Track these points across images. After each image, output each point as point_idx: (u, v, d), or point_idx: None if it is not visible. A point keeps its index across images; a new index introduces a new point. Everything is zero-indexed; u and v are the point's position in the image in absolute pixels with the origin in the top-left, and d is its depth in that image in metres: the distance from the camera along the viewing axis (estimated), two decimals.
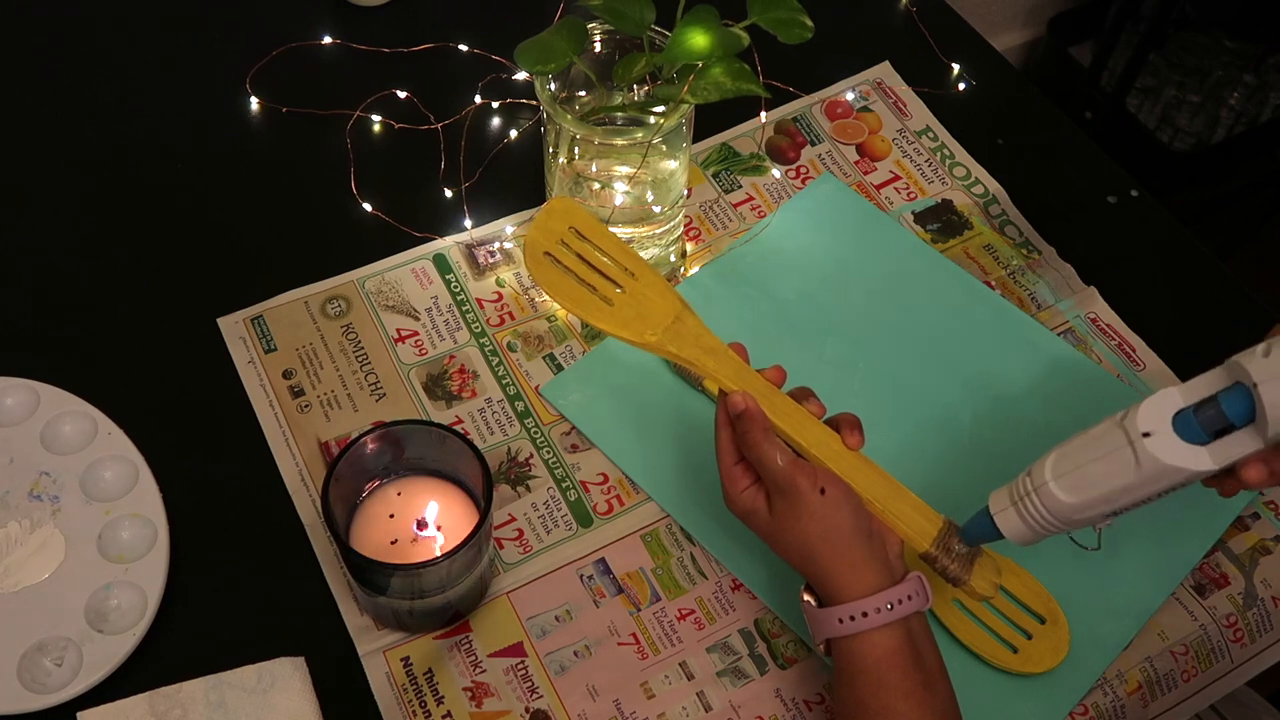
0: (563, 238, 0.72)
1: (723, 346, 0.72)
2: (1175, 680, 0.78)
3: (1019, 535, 0.67)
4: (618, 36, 0.80)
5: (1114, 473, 0.63)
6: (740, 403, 0.69)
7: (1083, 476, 0.64)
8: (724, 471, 0.72)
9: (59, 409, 0.81)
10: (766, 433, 0.69)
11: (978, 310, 0.91)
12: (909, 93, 1.04)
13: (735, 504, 0.72)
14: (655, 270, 0.73)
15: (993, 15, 1.90)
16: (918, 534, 0.70)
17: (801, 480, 0.68)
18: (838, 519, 0.68)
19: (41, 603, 0.74)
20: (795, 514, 0.68)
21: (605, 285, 0.72)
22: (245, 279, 0.89)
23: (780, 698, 0.75)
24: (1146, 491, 0.63)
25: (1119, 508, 0.64)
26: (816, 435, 0.70)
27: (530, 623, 0.77)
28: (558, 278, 0.72)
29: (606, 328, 0.71)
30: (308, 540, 0.79)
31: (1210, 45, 1.89)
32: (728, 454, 0.71)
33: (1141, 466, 0.62)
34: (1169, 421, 0.62)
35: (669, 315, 0.72)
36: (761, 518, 0.70)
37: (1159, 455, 0.61)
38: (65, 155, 0.97)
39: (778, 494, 0.69)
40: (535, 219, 0.73)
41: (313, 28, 1.04)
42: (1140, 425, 0.62)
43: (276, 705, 0.71)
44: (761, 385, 0.71)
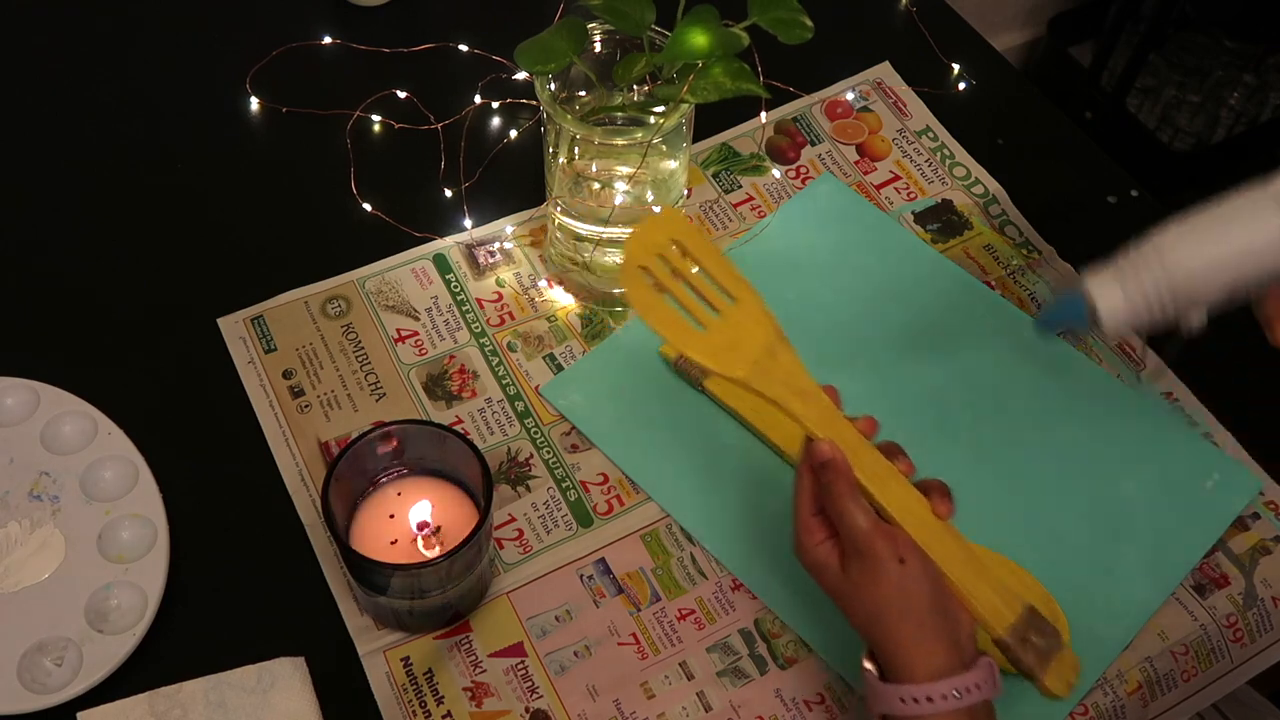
0: (663, 251, 0.68)
1: (815, 388, 0.67)
2: (1175, 680, 0.78)
3: (1115, 315, 0.61)
4: (618, 36, 0.80)
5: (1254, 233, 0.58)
6: (826, 452, 0.66)
7: (1214, 233, 0.59)
8: (800, 521, 0.68)
9: (59, 409, 0.81)
10: (851, 488, 0.65)
11: (977, 310, 0.91)
12: (909, 93, 1.04)
13: (806, 555, 0.68)
14: (757, 294, 0.68)
15: (993, 15, 1.90)
16: (994, 618, 0.66)
17: (882, 546, 0.64)
18: (914, 592, 0.64)
19: (41, 603, 0.74)
20: (870, 579, 0.65)
21: (702, 310, 0.67)
22: (245, 279, 0.90)
23: (780, 698, 0.75)
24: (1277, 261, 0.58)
25: (1251, 278, 0.59)
26: (902, 498, 0.66)
27: (530, 623, 0.77)
28: (651, 297, 0.67)
29: (695, 355, 0.67)
30: (308, 540, 0.79)
31: (1210, 45, 1.89)
32: (806, 504, 0.67)
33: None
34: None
35: (762, 346, 0.67)
36: (833, 575, 0.67)
37: None
38: (65, 155, 0.97)
39: (854, 555, 0.65)
40: (636, 229, 0.69)
41: (313, 28, 1.03)
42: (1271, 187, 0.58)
43: (276, 705, 0.71)
44: (851, 435, 0.67)
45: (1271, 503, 0.84)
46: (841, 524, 0.66)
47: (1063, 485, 0.83)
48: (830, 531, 0.67)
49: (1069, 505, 0.82)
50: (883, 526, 0.65)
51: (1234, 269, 0.60)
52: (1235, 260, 0.60)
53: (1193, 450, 0.85)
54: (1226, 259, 0.60)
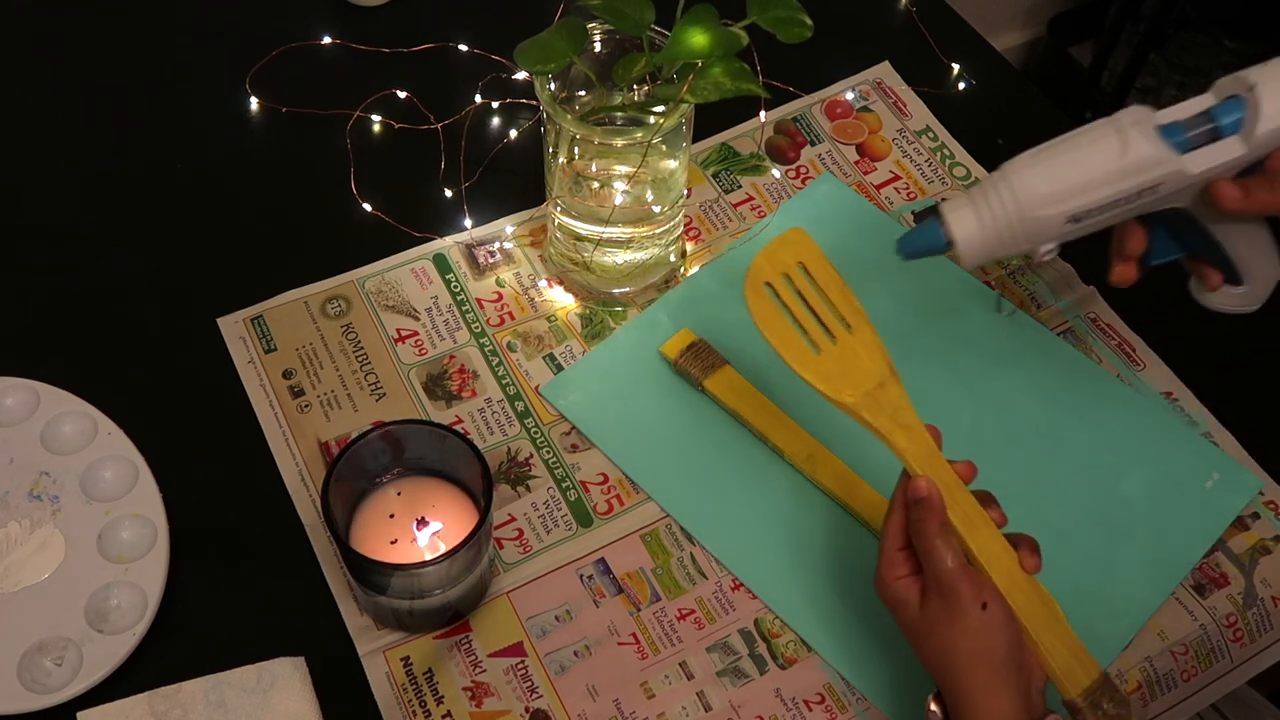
0: (788, 270, 0.70)
1: (919, 425, 0.68)
2: (1175, 680, 0.78)
3: (970, 241, 0.65)
4: (618, 36, 0.80)
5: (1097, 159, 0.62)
6: (923, 489, 0.66)
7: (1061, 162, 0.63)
8: (885, 554, 0.68)
9: (59, 409, 0.81)
10: (943, 527, 0.65)
11: (976, 310, 0.91)
12: (909, 93, 1.04)
13: (886, 589, 0.68)
14: (873, 326, 0.70)
15: (993, 15, 1.90)
16: (1068, 679, 0.66)
17: (966, 588, 0.64)
18: (992, 640, 0.64)
19: (41, 603, 0.74)
20: (949, 620, 0.64)
21: (818, 332, 0.69)
22: (245, 279, 0.90)
23: (780, 698, 0.75)
24: (1126, 185, 0.62)
25: (1094, 203, 0.63)
26: (991, 546, 0.67)
27: (530, 623, 0.77)
28: (772, 312, 0.69)
29: (807, 376, 0.68)
30: (308, 540, 0.79)
31: (1210, 45, 1.89)
32: (895, 537, 0.68)
33: (1129, 152, 0.61)
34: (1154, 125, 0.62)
35: (873, 379, 0.69)
36: (911, 611, 0.66)
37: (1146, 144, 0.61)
38: (65, 155, 0.97)
39: (937, 594, 0.65)
40: (767, 246, 0.70)
41: (313, 28, 1.03)
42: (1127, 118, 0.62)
43: (276, 705, 0.71)
44: (948, 477, 0.67)
45: (1271, 503, 0.84)
46: (929, 561, 0.66)
47: (1063, 485, 0.83)
48: (913, 568, 0.67)
49: (1069, 505, 0.82)
50: (969, 569, 0.65)
51: (1077, 196, 0.63)
52: (1078, 188, 0.63)
53: (1193, 450, 0.85)
54: (1070, 186, 0.63)
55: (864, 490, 0.81)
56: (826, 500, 0.82)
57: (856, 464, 0.82)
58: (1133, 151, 0.62)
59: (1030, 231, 0.65)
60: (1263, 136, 0.62)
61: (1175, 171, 0.62)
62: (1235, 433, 0.86)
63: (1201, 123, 0.63)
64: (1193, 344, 0.91)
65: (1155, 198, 0.64)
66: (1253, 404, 0.88)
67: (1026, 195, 0.64)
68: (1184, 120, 0.63)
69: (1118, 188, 0.63)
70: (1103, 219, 0.65)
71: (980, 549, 0.66)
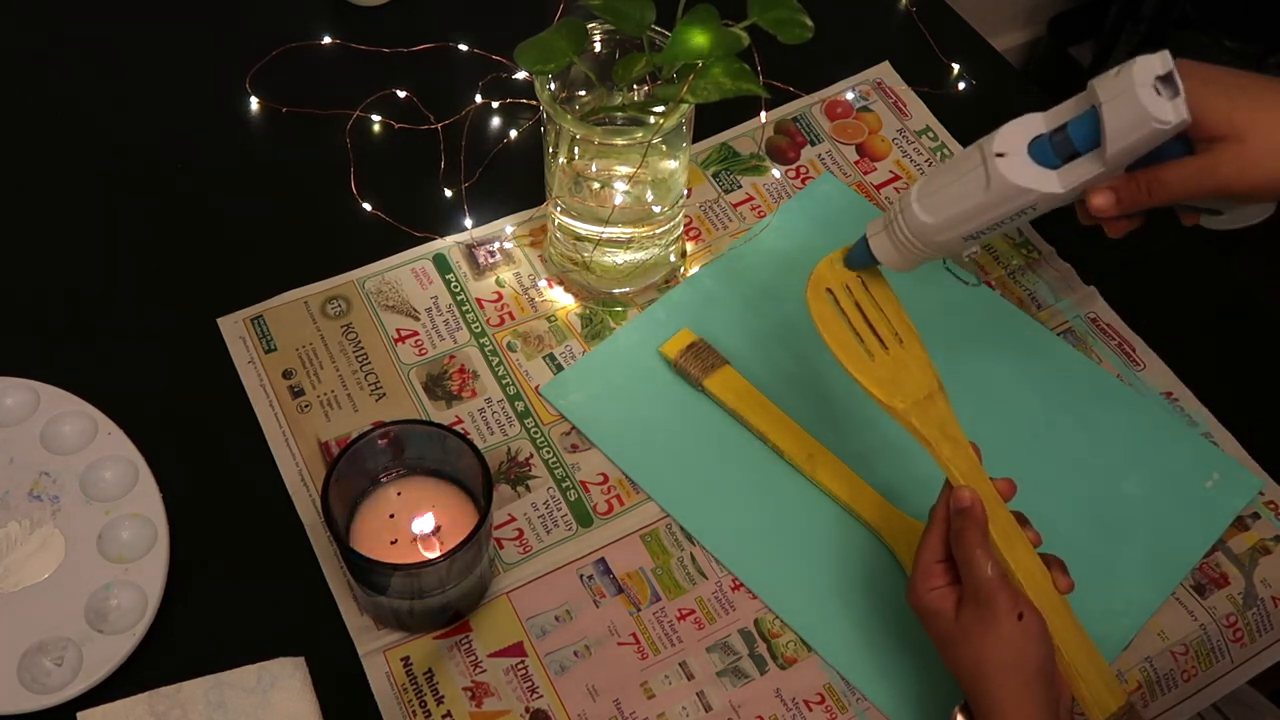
0: (848, 282, 0.73)
1: (964, 439, 0.71)
2: (1175, 680, 0.78)
3: (890, 259, 0.70)
4: (618, 36, 0.80)
5: (968, 193, 0.65)
6: (967, 499, 0.67)
7: (941, 196, 0.66)
8: (922, 565, 0.69)
9: (59, 409, 0.81)
10: (984, 537, 0.66)
11: (976, 310, 0.91)
12: (909, 93, 1.04)
13: (920, 600, 0.68)
14: (924, 345, 0.73)
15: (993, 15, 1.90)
16: (1096, 702, 0.67)
17: (1002, 598, 0.65)
18: (1026, 651, 0.64)
19: (41, 603, 0.74)
20: (984, 630, 0.65)
21: (872, 340, 0.72)
22: (245, 279, 0.90)
23: (780, 698, 0.75)
24: (999, 213, 0.65)
25: (975, 229, 0.66)
26: (1026, 562, 0.68)
27: (530, 623, 0.77)
28: (831, 315, 0.72)
29: (861, 378, 0.71)
30: (308, 540, 0.79)
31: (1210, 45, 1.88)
32: (933, 550, 0.68)
33: (991, 186, 0.64)
34: (1025, 145, 0.63)
35: (923, 390, 0.71)
36: (945, 621, 0.67)
37: (1008, 176, 0.63)
38: (65, 155, 0.97)
39: (973, 603, 0.65)
40: (830, 255, 0.74)
41: (313, 28, 1.04)
42: (995, 147, 0.64)
43: (276, 705, 0.71)
44: (990, 491, 0.69)
45: (1271, 503, 0.84)
46: (968, 570, 0.66)
47: (1063, 485, 0.83)
48: (949, 579, 0.68)
49: (1069, 505, 0.82)
50: (1006, 580, 0.66)
51: (959, 225, 0.67)
52: (957, 218, 0.67)
53: (1193, 450, 0.85)
54: (949, 218, 0.67)
55: (864, 490, 0.81)
56: (826, 500, 0.82)
57: (856, 464, 0.82)
58: (994, 186, 0.64)
59: (936, 249, 0.69)
60: (1115, 155, 0.62)
61: (1043, 196, 0.64)
62: (1235, 433, 0.86)
63: (1065, 139, 0.63)
64: (1193, 344, 0.91)
65: (1039, 210, 0.65)
66: (1253, 404, 0.88)
67: (917, 226, 0.68)
68: (1052, 136, 0.64)
69: (993, 215, 0.66)
70: (998, 232, 0.67)
71: (1017, 565, 0.68)
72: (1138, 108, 0.60)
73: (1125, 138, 0.61)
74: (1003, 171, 0.63)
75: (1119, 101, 0.60)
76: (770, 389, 0.84)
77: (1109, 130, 0.61)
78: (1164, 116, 0.60)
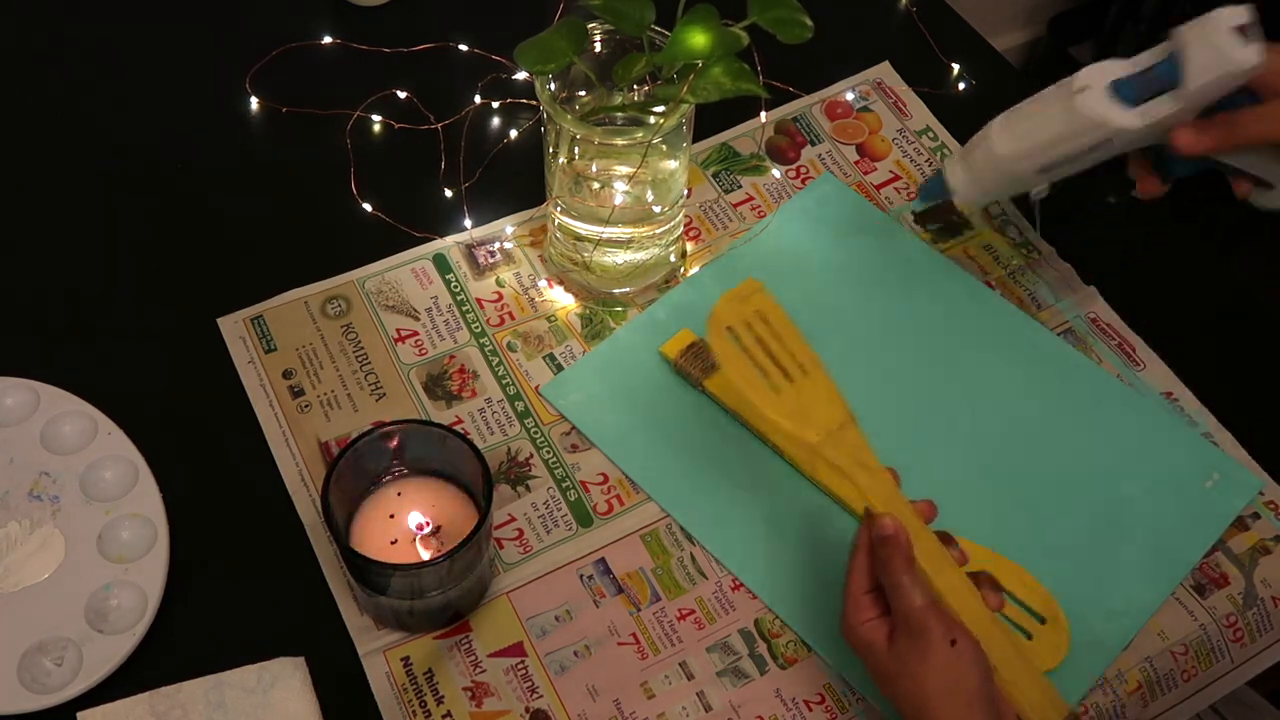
0: (748, 320, 0.73)
1: (879, 466, 0.70)
2: (1175, 680, 0.78)
3: (964, 189, 0.76)
4: (618, 36, 0.80)
5: (1049, 123, 0.71)
6: (889, 526, 0.66)
7: (1023, 126, 0.72)
8: (851, 598, 0.68)
9: (59, 409, 0.81)
10: (910, 564, 0.66)
11: (977, 310, 0.91)
12: (909, 93, 1.04)
13: (854, 633, 0.68)
14: (828, 375, 0.72)
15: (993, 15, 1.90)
16: (1038, 715, 0.67)
17: (934, 625, 0.64)
18: (963, 675, 0.64)
19: (41, 603, 0.74)
20: (919, 658, 0.64)
21: (778, 375, 0.72)
22: (245, 279, 0.90)
23: (780, 698, 0.75)
24: (1076, 144, 0.71)
25: (1052, 160, 0.72)
26: (955, 584, 0.68)
27: (530, 623, 0.77)
28: (735, 353, 0.72)
29: (770, 413, 0.71)
30: (308, 540, 0.79)
31: None
32: (860, 580, 0.68)
33: (1072, 117, 0.69)
34: (1106, 82, 0.69)
35: (835, 420, 0.71)
36: (879, 653, 0.66)
37: (1090, 107, 0.69)
38: (65, 155, 0.97)
39: (905, 633, 0.65)
40: (726, 295, 0.73)
41: (313, 28, 1.04)
42: (1079, 82, 0.70)
43: (276, 705, 0.72)
44: (910, 516, 0.69)
45: (1271, 503, 0.84)
46: (897, 599, 0.66)
47: (1063, 485, 0.83)
48: (879, 610, 0.67)
49: (1069, 505, 0.82)
50: (936, 606, 0.65)
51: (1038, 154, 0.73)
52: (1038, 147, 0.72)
53: (1193, 450, 0.85)
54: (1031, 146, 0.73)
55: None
56: (826, 500, 0.82)
57: None
58: (1078, 116, 0.70)
59: (1011, 180, 0.75)
60: (1195, 92, 0.67)
61: (1120, 130, 0.70)
62: (1235, 433, 0.86)
63: (1149, 79, 0.69)
64: (1193, 344, 0.91)
65: (1114, 148, 0.71)
66: (1253, 404, 0.88)
67: (999, 155, 0.74)
68: (1133, 77, 0.69)
69: (1071, 145, 0.71)
70: (1071, 167, 0.73)
71: (946, 588, 0.67)
72: (1218, 49, 0.65)
73: (1204, 76, 0.66)
74: (1085, 103, 0.69)
75: (1200, 44, 0.66)
76: None
77: (1190, 69, 0.66)
78: (1243, 58, 0.65)
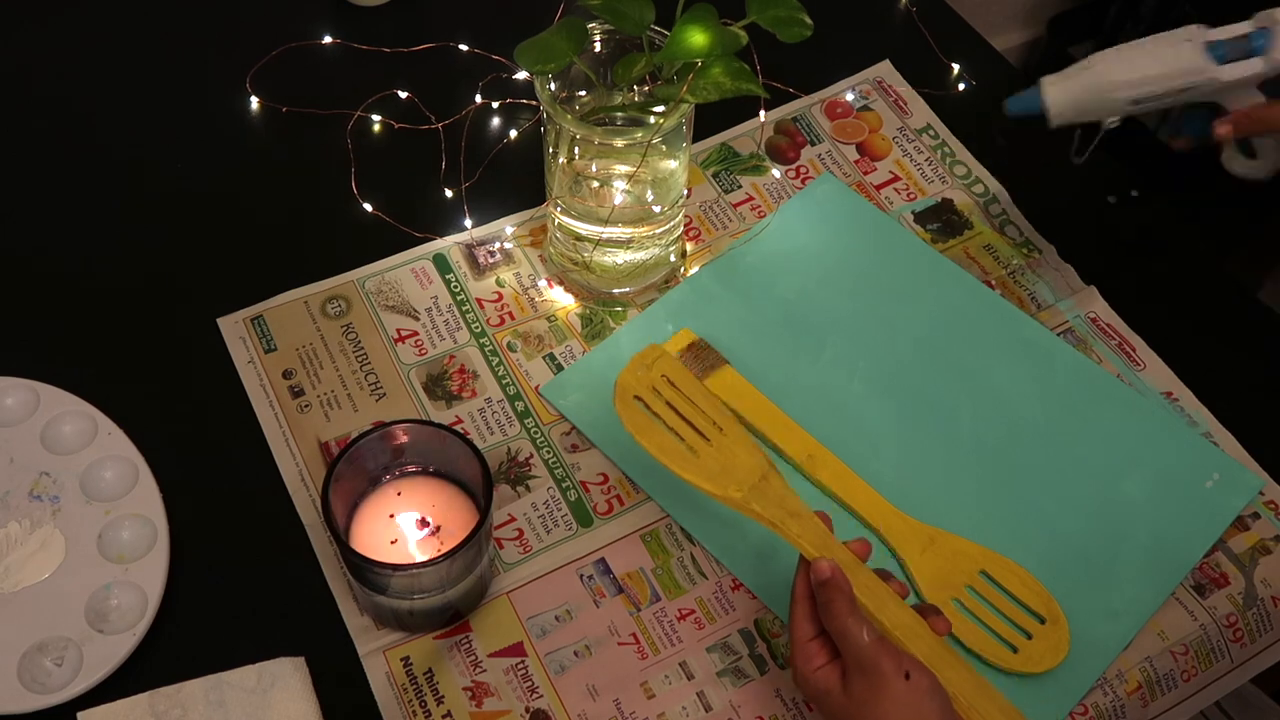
0: (654, 385, 0.73)
1: (808, 511, 0.70)
2: (1175, 680, 0.78)
3: (1060, 106, 0.86)
4: (618, 36, 0.80)
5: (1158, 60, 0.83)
6: (826, 570, 0.66)
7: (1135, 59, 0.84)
8: (797, 646, 0.67)
9: (59, 409, 0.81)
10: (852, 604, 0.65)
11: (978, 310, 0.91)
12: (909, 92, 1.04)
13: (807, 684, 0.67)
14: (744, 429, 0.73)
15: (993, 15, 1.90)
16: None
17: (886, 661, 0.63)
18: (923, 708, 0.63)
19: (41, 603, 0.74)
20: (875, 697, 0.63)
21: (693, 436, 0.72)
22: (245, 279, 0.90)
23: (780, 698, 0.75)
24: (1173, 84, 0.83)
25: (1147, 94, 0.84)
26: (900, 617, 0.67)
27: (530, 622, 0.77)
28: (645, 422, 0.72)
29: (690, 478, 0.71)
30: (308, 540, 0.79)
31: None
32: (803, 627, 0.67)
33: (1179, 59, 0.83)
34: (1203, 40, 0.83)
35: (755, 473, 0.71)
36: (835, 699, 0.65)
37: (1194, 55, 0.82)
38: (65, 155, 0.97)
39: (858, 673, 0.64)
40: (629, 364, 0.74)
41: (313, 28, 1.04)
42: (1183, 35, 0.83)
43: (276, 705, 0.72)
44: (846, 556, 0.68)
45: (1271, 503, 0.84)
46: (844, 641, 0.65)
47: (1063, 485, 0.83)
48: (829, 655, 0.67)
49: (1069, 505, 0.82)
50: (885, 642, 0.65)
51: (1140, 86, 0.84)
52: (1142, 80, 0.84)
53: (1193, 450, 0.85)
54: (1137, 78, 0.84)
55: (863, 490, 0.81)
56: (826, 500, 0.82)
57: (856, 464, 0.82)
58: (1183, 60, 0.83)
59: (1103, 106, 0.86)
60: (1276, 62, 0.81)
61: (1211, 78, 0.83)
62: (1235, 433, 0.86)
63: (1239, 43, 0.82)
64: (1193, 344, 0.91)
65: (1196, 93, 0.84)
66: (1253, 404, 0.88)
67: (1107, 80, 0.85)
68: (1226, 40, 0.83)
69: (1169, 84, 0.83)
70: (1155, 105, 0.85)
71: (892, 622, 0.67)
72: None
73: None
74: (1189, 51, 0.83)
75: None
76: (770, 389, 0.84)
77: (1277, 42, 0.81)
78: None
